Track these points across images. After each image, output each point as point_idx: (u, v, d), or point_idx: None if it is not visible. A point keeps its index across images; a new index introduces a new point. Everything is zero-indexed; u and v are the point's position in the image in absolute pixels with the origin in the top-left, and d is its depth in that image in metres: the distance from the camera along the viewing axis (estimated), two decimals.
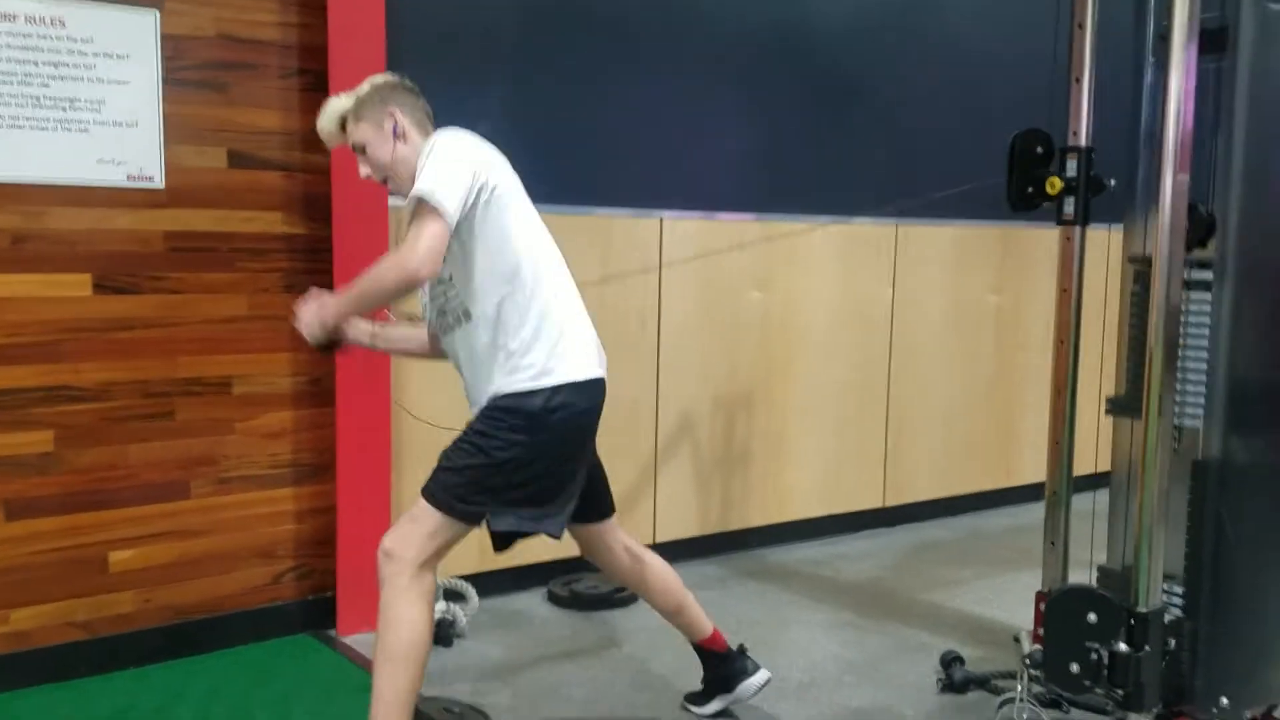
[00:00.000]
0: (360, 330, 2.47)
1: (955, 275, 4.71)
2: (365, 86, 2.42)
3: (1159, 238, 2.29)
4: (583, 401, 2.33)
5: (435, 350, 2.56)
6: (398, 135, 2.37)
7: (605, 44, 3.76)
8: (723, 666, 2.73)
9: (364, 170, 2.42)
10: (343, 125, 2.42)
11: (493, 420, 2.28)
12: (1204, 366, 2.46)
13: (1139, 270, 2.54)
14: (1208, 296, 2.45)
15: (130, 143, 2.91)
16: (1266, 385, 2.44)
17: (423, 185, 2.17)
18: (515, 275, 2.28)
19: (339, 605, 3.26)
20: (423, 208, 2.17)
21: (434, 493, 2.29)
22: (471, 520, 2.30)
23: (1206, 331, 2.46)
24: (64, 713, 2.74)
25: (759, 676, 2.74)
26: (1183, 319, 2.46)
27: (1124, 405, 2.60)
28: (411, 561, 2.24)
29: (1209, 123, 2.42)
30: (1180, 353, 2.46)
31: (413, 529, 2.27)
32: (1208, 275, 2.45)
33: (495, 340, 2.30)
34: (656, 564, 2.66)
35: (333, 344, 2.40)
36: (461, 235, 2.24)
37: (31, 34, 2.77)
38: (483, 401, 2.33)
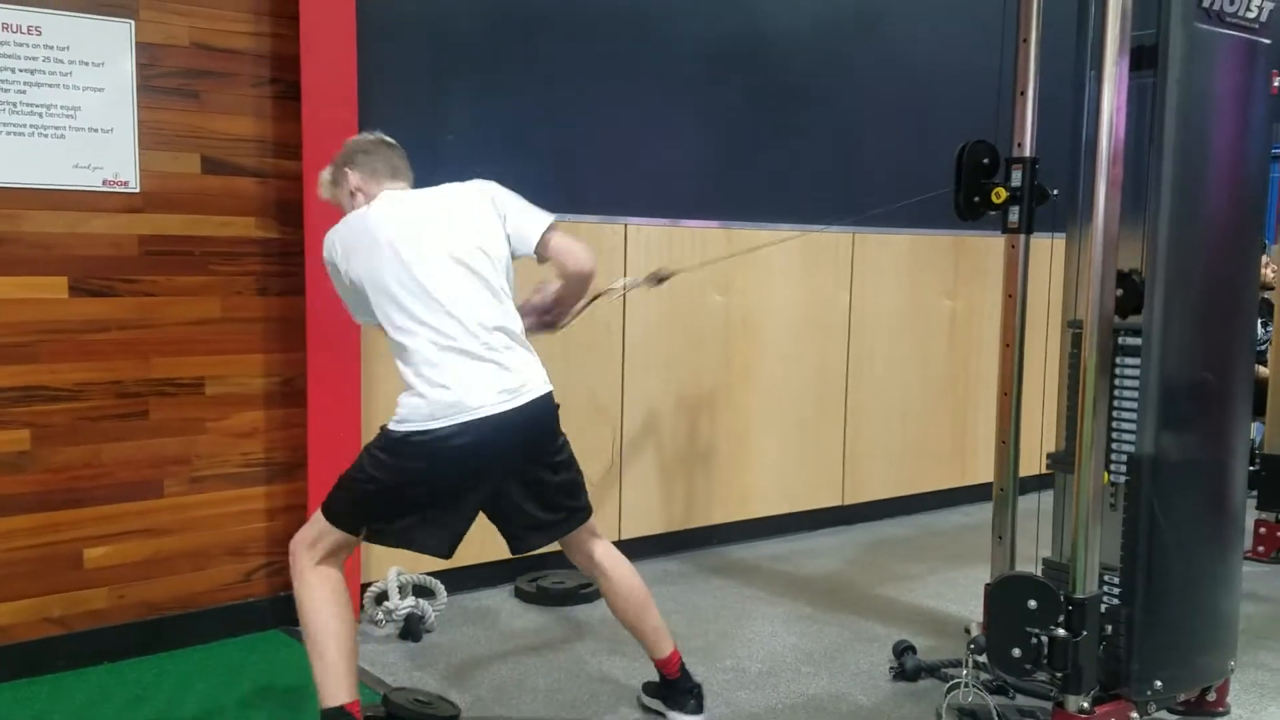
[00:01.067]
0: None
1: (910, 281, 4.84)
2: (337, 153, 2.69)
3: (1091, 247, 2.42)
4: (438, 442, 2.39)
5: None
6: (353, 194, 2.62)
7: (572, 54, 3.86)
8: (665, 689, 2.76)
9: None
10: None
11: (374, 439, 2.50)
12: (1135, 427, 2.56)
13: (1076, 334, 2.67)
14: (1138, 362, 2.55)
15: (106, 148, 2.97)
16: (1194, 384, 2.58)
17: None
18: (386, 331, 2.49)
19: None
20: None
21: (325, 501, 2.51)
22: (341, 526, 2.45)
23: (1137, 395, 2.55)
24: (39, 706, 2.79)
25: (693, 719, 2.72)
26: (1115, 380, 2.58)
27: (1062, 460, 2.75)
28: (306, 561, 2.46)
29: (1147, 135, 2.54)
30: (1112, 414, 2.58)
31: (307, 531, 2.50)
32: (1139, 341, 2.55)
33: None
34: (615, 581, 2.68)
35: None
36: None
37: (9, 41, 2.83)
38: None
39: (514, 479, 2.55)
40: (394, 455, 2.42)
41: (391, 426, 2.43)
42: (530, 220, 2.60)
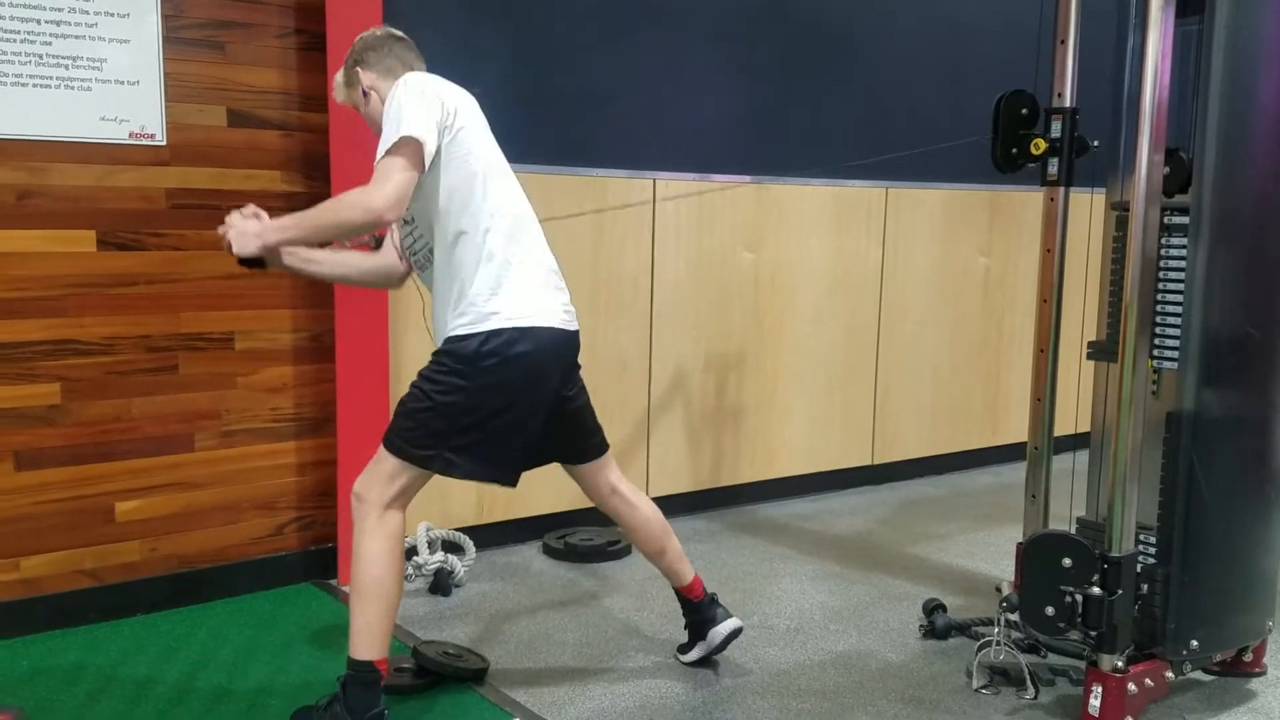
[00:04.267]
0: (295, 256, 2.43)
1: (944, 237, 4.77)
2: (347, 53, 2.51)
3: (1135, 192, 2.35)
4: (524, 346, 2.28)
5: (390, 281, 2.66)
6: (366, 94, 2.45)
7: (600, 8, 3.79)
8: (695, 614, 2.80)
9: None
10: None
11: (437, 363, 2.33)
12: (1180, 310, 2.50)
13: (1120, 216, 2.60)
14: (1185, 242, 2.48)
15: (132, 100, 2.96)
16: (1237, 337, 2.51)
17: (391, 129, 2.19)
18: (473, 219, 2.30)
19: (340, 555, 3.33)
20: (397, 146, 2.18)
21: (390, 437, 2.34)
22: (424, 464, 2.33)
23: (1183, 276, 2.48)
24: (73, 657, 2.82)
25: (727, 624, 2.78)
26: (1161, 264, 2.51)
27: (1103, 350, 2.67)
28: (375, 503, 2.31)
29: (1191, 85, 2.47)
30: (1158, 297, 2.51)
31: (375, 471, 2.34)
32: (1186, 220, 2.48)
33: (451, 281, 2.33)
34: (642, 509, 2.69)
35: (259, 262, 2.34)
36: (426, 174, 2.26)
37: None
38: (439, 341, 2.39)
39: (560, 402, 2.49)
40: (464, 368, 2.30)
41: (469, 330, 2.28)
42: None
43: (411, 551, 3.40)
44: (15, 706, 2.51)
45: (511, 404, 2.33)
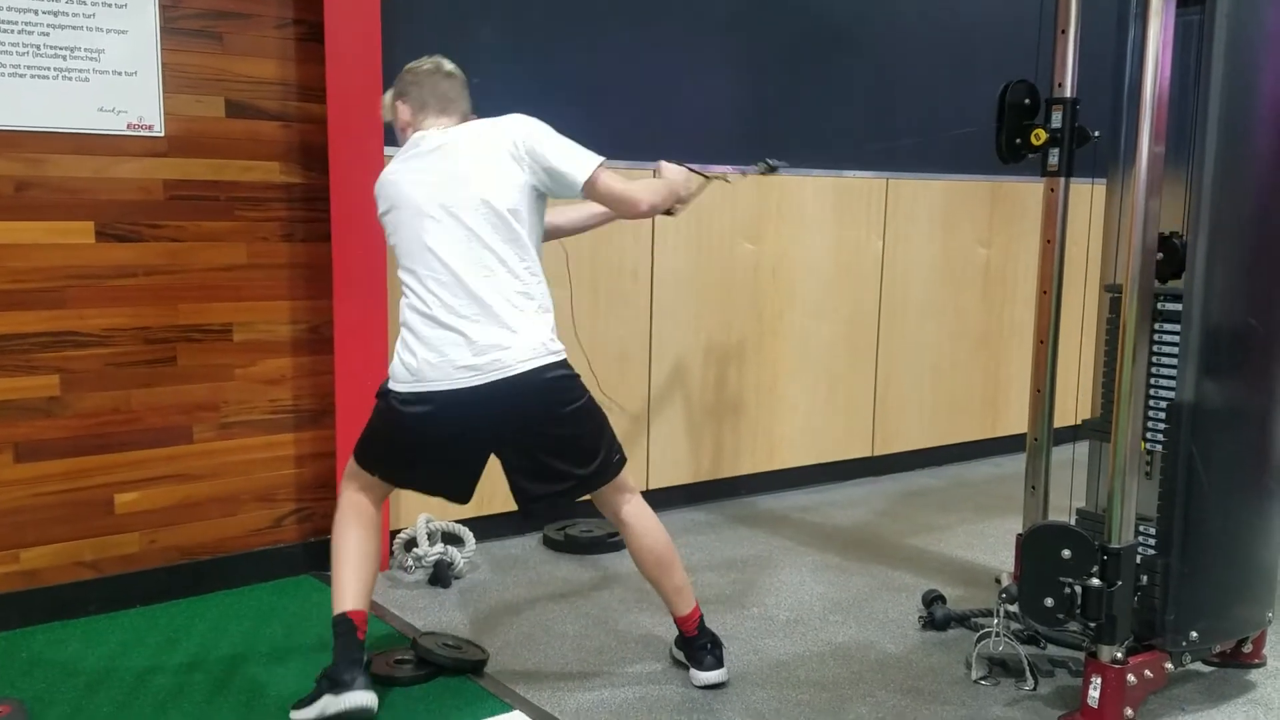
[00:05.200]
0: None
1: (945, 228, 4.76)
2: (397, 79, 2.67)
3: (1134, 191, 2.35)
4: (419, 408, 2.44)
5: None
6: (403, 130, 2.60)
7: None
8: (683, 647, 2.74)
9: None
10: None
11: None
12: (1173, 395, 2.50)
13: (1114, 298, 2.60)
14: (1179, 329, 2.49)
15: (130, 91, 2.95)
16: (1237, 332, 2.51)
17: None
18: (402, 281, 2.54)
19: None
20: None
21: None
22: (365, 468, 2.57)
23: (1176, 361, 2.49)
24: (73, 648, 2.82)
25: (710, 675, 2.66)
26: (1154, 348, 2.51)
27: (1097, 428, 2.71)
28: (342, 489, 2.63)
29: (1192, 76, 2.46)
30: (1150, 380, 2.51)
31: (348, 464, 2.65)
32: (1179, 307, 2.48)
33: None
34: (640, 538, 2.64)
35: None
36: None
37: None
38: None
39: (508, 447, 2.54)
40: (381, 404, 2.54)
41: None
42: (574, 163, 2.50)
43: (411, 543, 3.40)
44: (15, 698, 2.51)
45: (402, 446, 2.54)
